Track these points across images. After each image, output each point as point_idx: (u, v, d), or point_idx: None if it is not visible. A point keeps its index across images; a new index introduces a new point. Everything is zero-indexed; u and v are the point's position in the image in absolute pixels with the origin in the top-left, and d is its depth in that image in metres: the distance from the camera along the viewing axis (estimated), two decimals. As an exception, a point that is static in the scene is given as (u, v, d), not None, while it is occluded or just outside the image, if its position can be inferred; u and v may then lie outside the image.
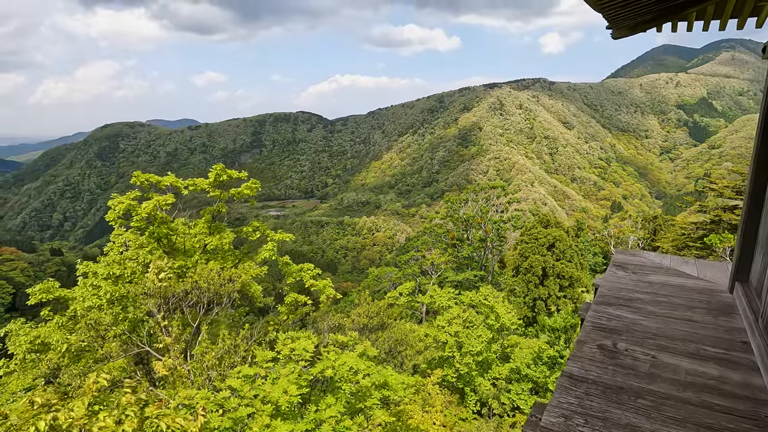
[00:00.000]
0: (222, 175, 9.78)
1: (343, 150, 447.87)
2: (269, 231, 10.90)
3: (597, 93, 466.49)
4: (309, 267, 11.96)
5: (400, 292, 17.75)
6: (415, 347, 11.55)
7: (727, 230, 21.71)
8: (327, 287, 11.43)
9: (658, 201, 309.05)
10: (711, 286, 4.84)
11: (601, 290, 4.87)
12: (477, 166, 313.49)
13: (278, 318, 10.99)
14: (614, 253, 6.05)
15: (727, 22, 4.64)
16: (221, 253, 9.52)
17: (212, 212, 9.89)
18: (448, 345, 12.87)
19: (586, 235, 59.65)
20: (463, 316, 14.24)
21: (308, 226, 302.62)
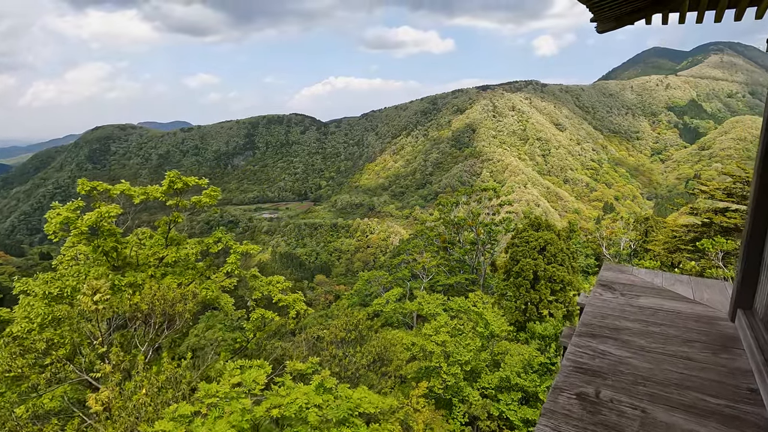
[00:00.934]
0: (177, 182, 8.96)
1: (336, 152, 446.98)
2: (232, 242, 10.11)
3: (589, 95, 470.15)
4: (278, 279, 11.21)
5: (387, 299, 17.21)
6: (399, 359, 10.99)
7: (718, 233, 21.47)
8: (298, 301, 10.64)
9: (649, 202, 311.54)
10: (709, 311, 4.26)
11: (585, 317, 4.30)
12: (470, 168, 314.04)
13: (245, 335, 10.27)
14: (601, 270, 5.45)
15: (723, 13, 4.16)
16: (181, 267, 8.71)
17: (168, 222, 9.11)
18: (434, 355, 12.37)
19: (578, 237, 59.48)
20: (450, 324, 13.76)
21: (302, 229, 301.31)
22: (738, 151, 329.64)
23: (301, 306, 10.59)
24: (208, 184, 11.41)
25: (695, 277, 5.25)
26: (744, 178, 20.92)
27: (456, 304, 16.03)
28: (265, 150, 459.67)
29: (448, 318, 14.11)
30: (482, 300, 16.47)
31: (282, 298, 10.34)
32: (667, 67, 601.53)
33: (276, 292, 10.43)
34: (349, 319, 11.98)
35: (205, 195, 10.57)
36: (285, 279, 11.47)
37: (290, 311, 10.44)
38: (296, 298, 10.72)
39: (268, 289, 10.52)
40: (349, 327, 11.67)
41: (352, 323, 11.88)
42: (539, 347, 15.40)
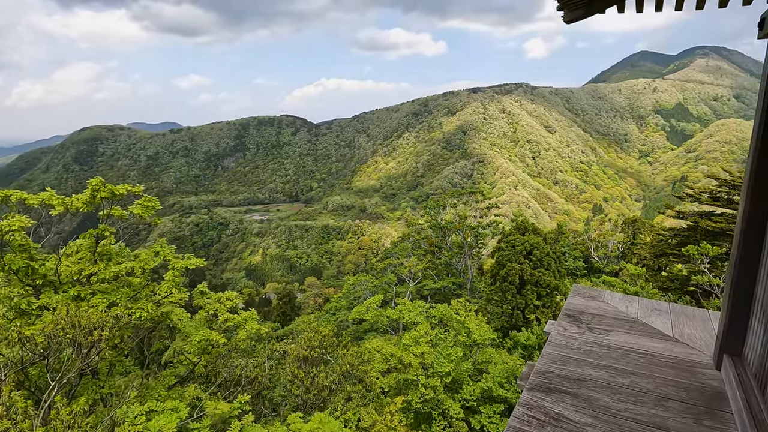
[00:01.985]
0: (101, 190, 8.02)
1: (327, 154, 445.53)
2: (171, 257, 9.16)
3: (578, 98, 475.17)
4: (229, 296, 10.36)
5: (368, 306, 16.67)
6: (370, 377, 10.31)
7: (704, 237, 21.30)
8: (250, 320, 9.81)
9: (637, 203, 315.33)
10: (690, 354, 3.51)
11: (543, 361, 3.57)
12: (461, 170, 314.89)
13: (190, 359, 9.34)
14: (570, 295, 4.74)
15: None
16: (114, 285, 7.81)
17: (96, 235, 8.24)
18: (412, 368, 11.83)
19: (566, 239, 59.45)
20: (431, 333, 13.25)
21: (292, 231, 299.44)
22: (723, 154, 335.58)
23: (253, 326, 9.69)
24: (145, 192, 10.53)
25: (675, 304, 4.59)
26: (729, 182, 20.79)
27: (438, 312, 15.53)
28: (255, 151, 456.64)
29: (428, 327, 13.59)
30: (465, 307, 15.98)
31: (229, 318, 9.45)
32: (655, 70, 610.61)
33: (223, 311, 9.53)
34: (313, 336, 11.33)
35: (138, 206, 9.70)
36: (237, 295, 10.59)
37: (239, 332, 9.53)
38: (248, 316, 9.83)
39: (216, 307, 9.60)
40: (313, 344, 11.01)
41: (316, 340, 11.23)
42: (523, 356, 14.97)
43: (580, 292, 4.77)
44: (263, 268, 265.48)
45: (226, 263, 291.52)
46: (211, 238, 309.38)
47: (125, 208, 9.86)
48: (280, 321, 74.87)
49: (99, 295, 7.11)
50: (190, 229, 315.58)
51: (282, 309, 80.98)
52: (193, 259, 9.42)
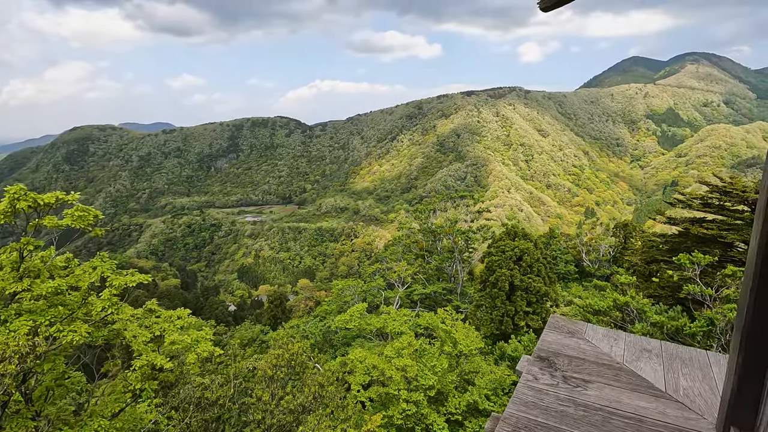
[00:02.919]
0: (20, 200, 7.11)
1: (321, 155, 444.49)
2: (111, 274, 8.27)
3: (571, 102, 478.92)
4: (180, 314, 9.56)
5: (351, 315, 16.15)
6: (335, 399, 9.66)
7: (696, 244, 21.05)
8: (203, 341, 8.87)
9: (629, 207, 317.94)
10: (687, 419, 2.82)
11: (505, 427, 2.89)
12: (455, 173, 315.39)
13: (130, 389, 8.28)
14: (545, 329, 3.97)
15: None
16: (45, 304, 6.90)
17: (20, 249, 7.38)
18: (393, 381, 11.33)
19: (558, 243, 59.31)
20: (415, 344, 12.77)
21: (285, 232, 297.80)
22: (713, 159, 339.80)
23: (207, 348, 8.76)
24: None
25: (668, 343, 3.83)
26: (720, 188, 20.59)
27: (425, 321, 15.06)
28: (249, 153, 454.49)
29: (412, 337, 13.11)
30: (452, 316, 15.53)
31: (177, 340, 8.58)
32: (647, 75, 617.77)
33: (172, 332, 8.64)
34: (281, 353, 10.68)
35: (69, 217, 8.89)
36: (190, 314, 9.74)
37: (188, 355, 8.62)
38: (200, 337, 8.95)
39: (163, 326, 8.67)
40: (281, 362, 10.35)
41: (286, 358, 10.57)
42: (510, 366, 14.54)
43: (557, 326, 3.95)
44: (256, 270, 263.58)
45: (219, 265, 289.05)
46: (204, 240, 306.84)
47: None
48: (271, 324, 73.95)
49: (25, 316, 6.32)
50: (182, 231, 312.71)
51: (273, 312, 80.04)
52: (136, 275, 8.63)
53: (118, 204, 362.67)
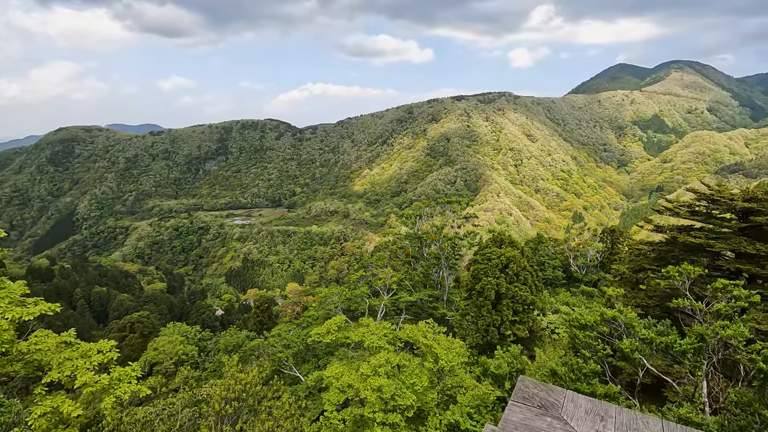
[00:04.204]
0: None
1: (311, 158, 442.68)
2: (6, 304, 6.89)
3: (559, 108, 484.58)
4: (102, 347, 8.27)
5: (329, 328, 15.39)
6: None
7: (682, 253, 20.72)
8: (125, 380, 7.52)
9: (616, 211, 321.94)
10: None
11: None
12: (445, 177, 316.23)
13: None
14: (511, 398, 2.72)
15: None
16: None
17: None
18: (368, 403, 10.60)
19: (546, 249, 59.15)
20: (393, 361, 12.06)
21: (274, 236, 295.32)
22: (697, 165, 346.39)
23: (127, 388, 7.49)
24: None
25: (672, 424, 2.66)
26: (708, 195, 20.31)
27: (405, 334, 14.38)
28: (238, 155, 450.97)
29: (391, 353, 12.41)
30: (434, 329, 14.87)
31: (89, 381, 7.24)
32: (633, 83, 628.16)
33: (84, 370, 7.25)
34: (232, 384, 9.71)
35: None
36: (114, 348, 8.47)
37: (105, 398, 7.30)
38: (123, 374, 7.68)
39: (75, 364, 7.19)
40: (230, 396, 9.36)
41: (238, 389, 9.60)
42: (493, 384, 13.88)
43: (526, 396, 2.92)
44: (244, 273, 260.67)
45: (206, 268, 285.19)
46: (191, 243, 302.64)
47: None
48: (257, 330, 72.43)
49: None
50: (169, 234, 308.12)
51: (259, 317, 78.48)
52: (41, 305, 7.40)
53: (103, 206, 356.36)
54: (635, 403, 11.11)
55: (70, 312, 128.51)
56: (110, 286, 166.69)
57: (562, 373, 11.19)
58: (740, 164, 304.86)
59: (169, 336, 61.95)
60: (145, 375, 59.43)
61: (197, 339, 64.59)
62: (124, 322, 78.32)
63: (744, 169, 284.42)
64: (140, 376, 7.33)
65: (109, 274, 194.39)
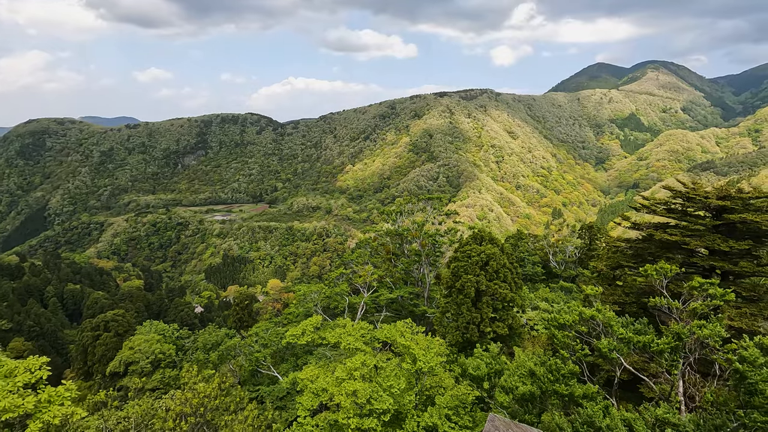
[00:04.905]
0: None
1: (293, 154, 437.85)
2: None
3: (540, 105, 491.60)
4: (31, 364, 7.24)
5: (304, 329, 14.91)
6: None
7: (658, 250, 20.97)
8: (56, 402, 6.56)
9: (594, 208, 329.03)
10: None
11: None
12: (427, 173, 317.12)
13: None
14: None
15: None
16: None
17: None
18: (343, 408, 10.22)
19: (526, 245, 59.75)
20: (369, 363, 11.70)
21: (255, 232, 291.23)
22: (671, 162, 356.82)
23: (58, 411, 6.58)
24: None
25: None
26: (684, 193, 20.56)
27: (383, 334, 14.04)
28: (218, 150, 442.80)
29: (367, 356, 12.04)
30: (412, 329, 14.57)
31: (9, 407, 6.30)
32: (611, 81, 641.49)
33: (5, 393, 6.30)
34: (190, 397, 9.16)
35: None
36: (43, 366, 7.55)
37: (31, 423, 6.44)
38: (54, 396, 6.73)
39: None
40: (186, 411, 8.82)
41: (191, 405, 9.01)
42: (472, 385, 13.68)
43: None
44: (224, 270, 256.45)
45: (185, 265, 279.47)
46: (170, 239, 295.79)
47: None
48: (236, 327, 71.11)
49: None
50: (146, 230, 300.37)
51: (238, 315, 77.13)
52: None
53: (77, 201, 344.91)
54: (612, 403, 11.12)
55: (41, 311, 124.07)
56: (84, 284, 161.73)
57: (540, 374, 11.05)
58: (712, 162, 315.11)
59: (145, 335, 60.42)
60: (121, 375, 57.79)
61: (175, 337, 63.11)
62: (98, 321, 75.97)
63: (715, 167, 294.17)
64: (77, 396, 6.59)
65: (83, 271, 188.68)
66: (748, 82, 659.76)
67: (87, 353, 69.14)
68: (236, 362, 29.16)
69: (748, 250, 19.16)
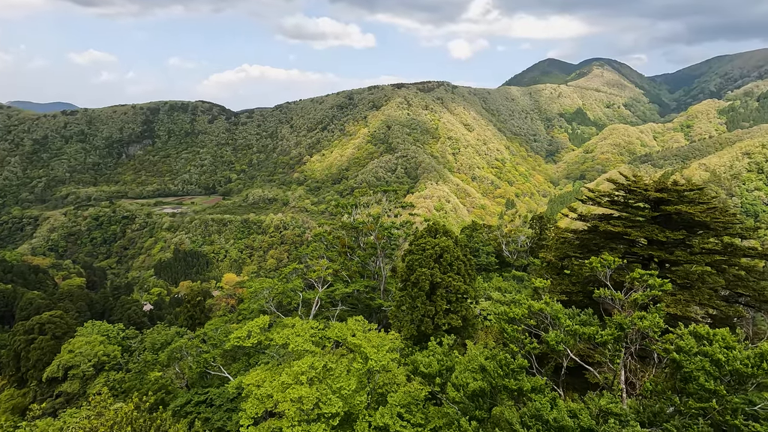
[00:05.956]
0: None
1: (248, 144, 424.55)
2: None
3: (494, 98, 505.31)
4: None
5: (250, 330, 14.14)
6: None
7: (603, 240, 21.85)
8: None
9: (544, 199, 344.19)
10: None
11: None
12: (385, 164, 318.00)
13: None
14: None
15: None
16: None
17: None
18: (287, 416, 9.70)
19: (480, 235, 61.22)
20: (317, 366, 11.21)
21: (209, 225, 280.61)
22: (614, 155, 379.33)
23: None
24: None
25: None
26: (626, 186, 21.50)
27: (333, 333, 13.57)
28: (167, 139, 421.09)
29: (316, 357, 11.55)
30: (364, 327, 14.21)
31: None
32: (560, 77, 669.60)
33: None
34: (96, 425, 8.29)
35: None
36: None
37: None
38: None
39: None
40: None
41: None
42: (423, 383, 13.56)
43: None
44: (176, 265, 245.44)
45: (132, 261, 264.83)
46: (114, 234, 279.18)
47: None
48: (188, 325, 68.14)
49: None
50: (87, 224, 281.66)
51: (190, 312, 73.98)
52: None
53: (6, 194, 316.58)
54: (559, 393, 11.37)
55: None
56: (17, 283, 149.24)
57: (491, 369, 11.07)
58: (649, 155, 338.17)
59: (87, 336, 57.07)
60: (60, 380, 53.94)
61: (120, 338, 59.95)
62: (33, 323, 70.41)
63: (652, 160, 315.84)
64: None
65: (15, 269, 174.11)
66: (682, 81, 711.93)
67: (20, 359, 64.05)
68: (183, 364, 27.73)
69: (682, 240, 20.36)
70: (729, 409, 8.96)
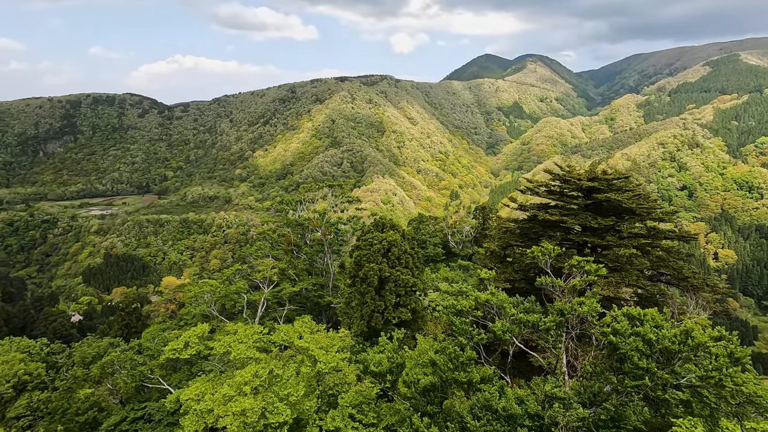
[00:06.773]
0: None
1: (184, 139, 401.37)
2: None
3: (436, 93, 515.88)
4: None
5: (187, 341, 13.14)
6: None
7: (541, 228, 22.86)
8: None
9: (486, 189, 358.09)
10: None
11: None
12: (331, 159, 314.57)
13: None
14: None
15: None
16: None
17: None
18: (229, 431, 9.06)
19: (427, 227, 62.29)
20: (262, 374, 10.60)
21: (143, 226, 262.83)
22: (548, 147, 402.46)
23: None
24: None
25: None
26: (561, 176, 22.59)
27: (279, 337, 12.94)
28: (91, 135, 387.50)
29: (260, 365, 10.92)
30: (311, 328, 13.73)
31: None
32: (497, 72, 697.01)
33: None
34: None
35: None
36: None
37: None
38: None
39: None
40: None
41: None
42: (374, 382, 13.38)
43: None
44: (107, 271, 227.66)
45: (56, 268, 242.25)
46: (33, 240, 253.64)
47: None
48: (123, 335, 63.47)
49: None
50: (0, 230, 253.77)
51: (125, 321, 68.97)
52: None
53: None
54: (507, 381, 11.70)
55: None
56: None
57: (441, 363, 11.09)
58: (579, 146, 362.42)
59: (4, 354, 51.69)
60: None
61: (45, 354, 54.85)
62: (-68, 346, 62.17)
63: (581, 150, 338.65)
64: None
65: None
66: (606, 77, 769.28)
67: None
68: (117, 378, 25.58)
69: (612, 226, 21.78)
70: (660, 385, 9.65)
